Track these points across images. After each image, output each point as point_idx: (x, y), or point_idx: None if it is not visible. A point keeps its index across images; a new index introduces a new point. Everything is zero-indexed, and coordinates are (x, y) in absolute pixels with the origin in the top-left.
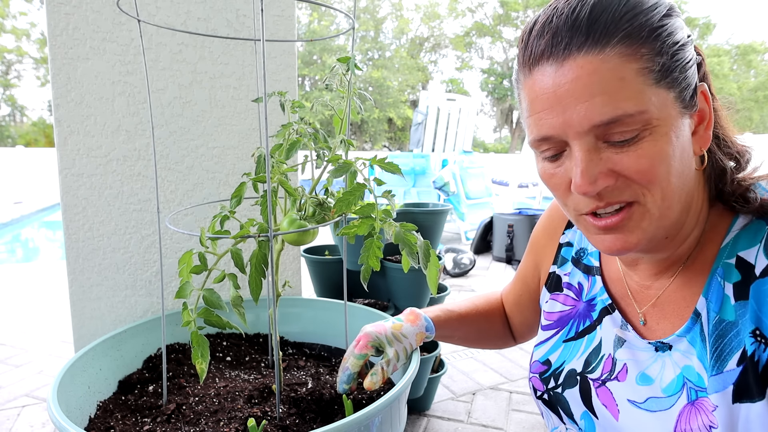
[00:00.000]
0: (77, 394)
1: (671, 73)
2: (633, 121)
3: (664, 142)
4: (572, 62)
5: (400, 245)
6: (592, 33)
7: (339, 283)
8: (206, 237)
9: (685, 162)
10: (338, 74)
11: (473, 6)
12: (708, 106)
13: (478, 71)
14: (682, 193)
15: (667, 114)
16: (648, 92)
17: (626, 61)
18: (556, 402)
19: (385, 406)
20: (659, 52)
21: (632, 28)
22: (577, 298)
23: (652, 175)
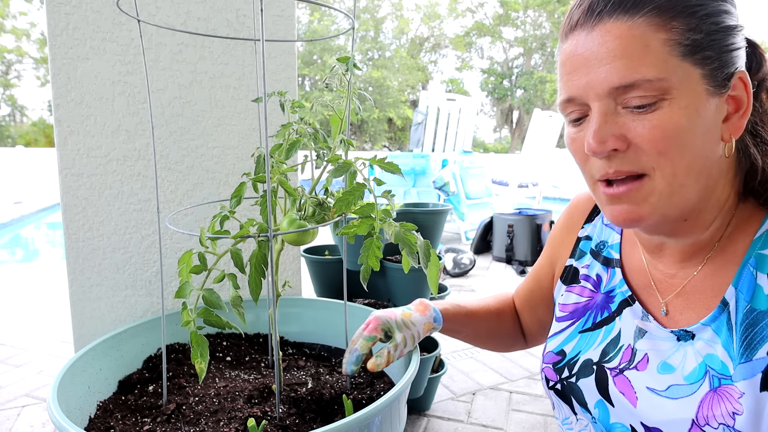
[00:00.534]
0: (77, 394)
1: (703, 51)
2: (651, 87)
3: (681, 115)
4: (602, 27)
5: (400, 245)
6: (624, 1)
7: (339, 283)
8: (206, 237)
9: (707, 143)
10: (338, 74)
11: (473, 6)
12: (747, 96)
13: (478, 71)
14: (699, 174)
15: (690, 88)
16: (671, 62)
17: (655, 30)
18: (569, 392)
19: (385, 406)
20: (693, 28)
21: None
22: (594, 290)
23: (663, 146)
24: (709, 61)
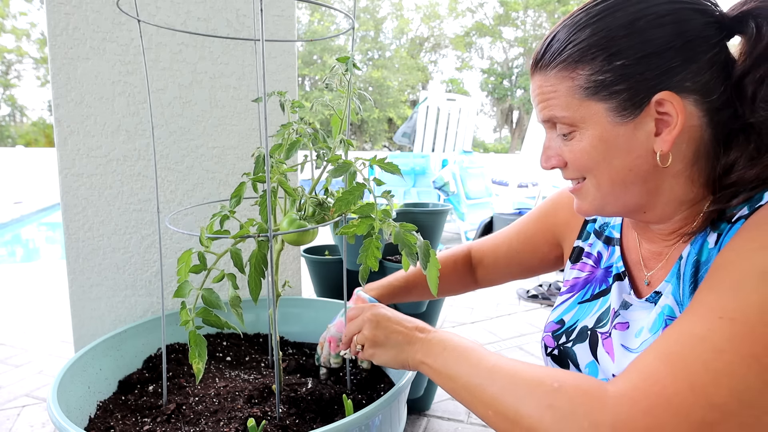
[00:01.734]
0: (77, 394)
1: (608, 87)
2: (562, 123)
3: (587, 144)
4: (535, 78)
5: (400, 245)
6: (541, 60)
7: (339, 283)
8: (206, 237)
9: (628, 159)
10: (338, 74)
11: (473, 6)
12: (678, 111)
13: (478, 71)
14: (627, 183)
15: (594, 121)
16: (573, 104)
17: (561, 80)
18: (565, 356)
19: (385, 406)
20: (597, 71)
21: (570, 56)
22: (595, 266)
23: (581, 166)
24: (616, 94)
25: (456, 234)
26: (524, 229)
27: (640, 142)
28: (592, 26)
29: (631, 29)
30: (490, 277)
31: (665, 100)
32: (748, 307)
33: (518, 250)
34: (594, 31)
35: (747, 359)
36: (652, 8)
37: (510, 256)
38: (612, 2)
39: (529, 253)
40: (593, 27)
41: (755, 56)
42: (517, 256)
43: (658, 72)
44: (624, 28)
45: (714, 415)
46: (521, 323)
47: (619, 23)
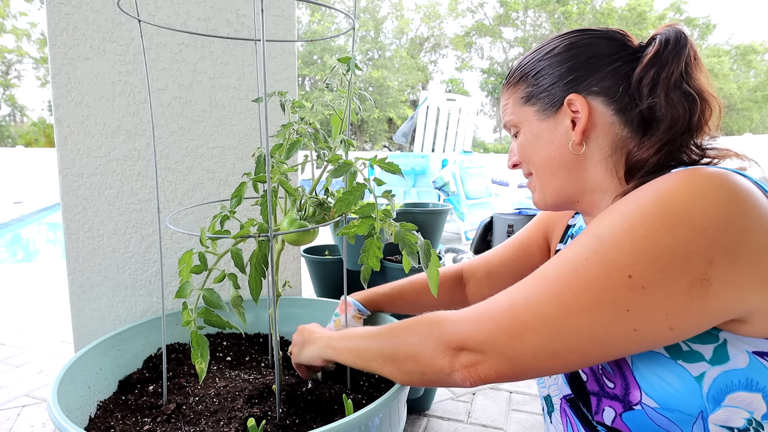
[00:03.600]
0: (77, 394)
1: (533, 97)
2: (510, 125)
3: (525, 139)
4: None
5: (401, 245)
6: (505, 81)
7: (339, 283)
8: (206, 237)
9: (553, 150)
10: (338, 74)
11: (473, 6)
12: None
13: (478, 71)
14: (556, 170)
15: (527, 121)
16: (516, 109)
17: (511, 94)
18: None
19: (385, 406)
20: (528, 85)
21: (515, 77)
22: None
23: (524, 158)
24: (538, 100)
25: (456, 234)
26: (518, 237)
27: (560, 134)
28: (528, 56)
29: (549, 56)
30: (483, 291)
31: (573, 101)
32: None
33: (512, 257)
34: (529, 60)
35: (553, 295)
36: (567, 40)
37: (504, 264)
38: (547, 41)
39: (522, 259)
40: (528, 58)
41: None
42: (511, 264)
43: (567, 80)
44: (545, 53)
45: (517, 327)
46: None
47: (543, 51)
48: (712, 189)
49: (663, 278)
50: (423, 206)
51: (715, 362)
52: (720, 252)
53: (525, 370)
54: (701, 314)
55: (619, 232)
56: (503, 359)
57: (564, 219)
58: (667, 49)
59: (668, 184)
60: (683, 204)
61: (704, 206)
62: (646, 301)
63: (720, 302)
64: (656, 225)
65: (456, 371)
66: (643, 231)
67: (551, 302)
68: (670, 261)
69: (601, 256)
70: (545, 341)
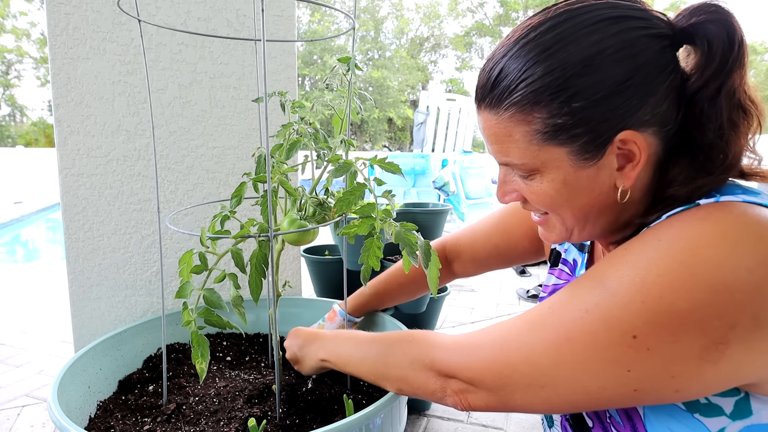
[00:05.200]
0: (77, 394)
1: (568, 131)
2: (519, 168)
3: (549, 187)
4: (481, 113)
5: (401, 245)
6: (489, 96)
7: (339, 283)
8: (206, 237)
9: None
10: (339, 74)
11: (473, 6)
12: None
13: (478, 71)
14: (589, 217)
15: (555, 165)
16: (532, 150)
17: (516, 123)
18: None
19: (386, 406)
20: (555, 114)
21: (525, 95)
22: (570, 274)
23: (543, 206)
24: (576, 137)
25: None
26: (503, 222)
27: (603, 179)
28: (545, 63)
29: (587, 67)
30: (468, 270)
31: (628, 140)
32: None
33: (497, 244)
34: (548, 69)
35: (548, 343)
36: (606, 41)
37: (488, 249)
38: (562, 32)
39: (508, 247)
40: (547, 64)
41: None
42: (495, 250)
43: (619, 111)
44: (580, 65)
45: (508, 371)
46: None
47: (574, 60)
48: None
49: (672, 341)
50: (423, 206)
51: (736, 417)
52: (746, 317)
53: (514, 408)
54: (713, 378)
55: (629, 287)
56: (492, 395)
57: None
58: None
59: (694, 231)
60: (710, 261)
61: (735, 265)
62: (651, 363)
63: (735, 366)
64: (674, 285)
65: (447, 396)
66: (657, 291)
67: (545, 351)
68: (685, 325)
69: (604, 312)
70: (535, 388)
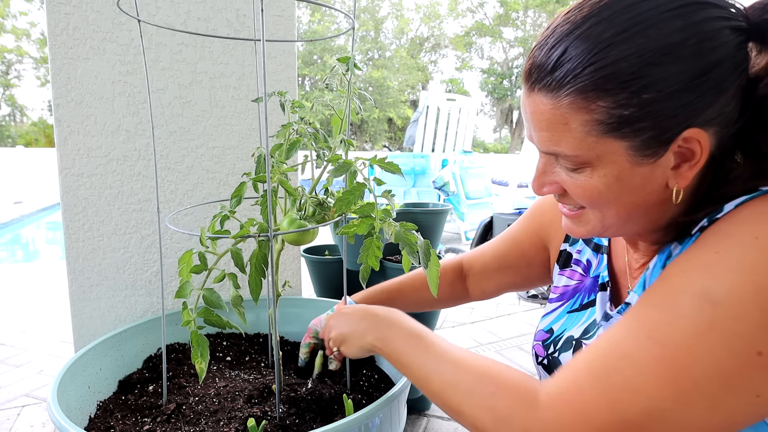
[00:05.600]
0: (77, 394)
1: (633, 124)
2: (570, 160)
3: (600, 183)
4: (535, 96)
5: (401, 245)
6: (550, 78)
7: (339, 282)
8: (206, 237)
9: (639, 196)
10: (338, 74)
11: (473, 6)
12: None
13: (478, 71)
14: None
15: (611, 160)
16: (588, 141)
17: (575, 111)
18: (553, 366)
19: (385, 406)
20: (621, 104)
21: (591, 81)
22: (584, 274)
23: (587, 202)
24: (641, 132)
25: (456, 234)
26: (511, 231)
27: (656, 178)
28: (619, 46)
29: (667, 56)
30: (482, 286)
31: (692, 138)
32: (676, 332)
33: (505, 253)
34: (622, 54)
35: (665, 383)
36: (690, 29)
37: (497, 259)
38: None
39: (516, 256)
40: (621, 48)
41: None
42: (504, 260)
43: (690, 108)
44: (659, 53)
45: (626, 430)
46: (521, 323)
47: (653, 46)
48: None
49: None
50: (423, 206)
51: None
52: None
53: None
54: None
55: (742, 297)
56: None
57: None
58: None
59: None
60: None
61: None
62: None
63: None
64: None
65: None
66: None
67: (664, 394)
68: None
69: (721, 331)
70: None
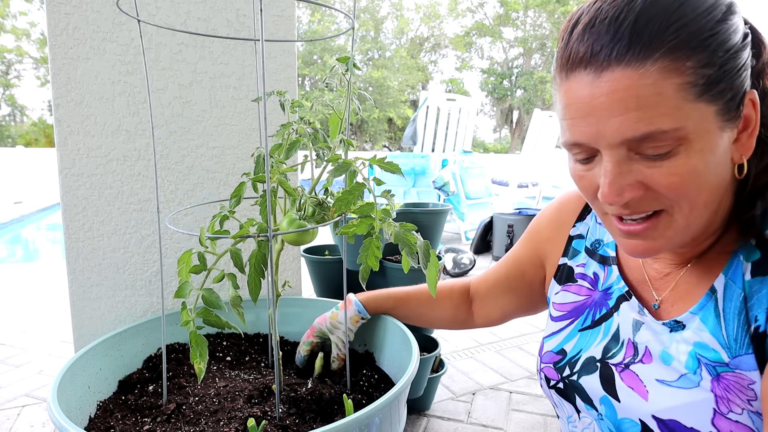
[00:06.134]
0: (77, 394)
1: (717, 85)
2: (667, 137)
3: (698, 159)
4: (610, 74)
5: (400, 245)
6: (633, 46)
7: (339, 283)
8: (206, 237)
9: (720, 174)
10: (338, 74)
11: (473, 6)
12: (756, 113)
13: (478, 71)
14: (712, 203)
15: (705, 129)
16: (686, 108)
17: (667, 76)
18: (571, 390)
19: (385, 406)
20: (707, 63)
21: (678, 40)
22: (592, 288)
23: (682, 191)
24: (723, 93)
25: (456, 234)
26: (512, 253)
27: (728, 151)
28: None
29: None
30: (486, 312)
31: (750, 101)
32: None
33: (506, 275)
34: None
35: None
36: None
37: (500, 283)
38: None
39: (517, 278)
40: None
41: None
42: (506, 283)
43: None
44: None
45: None
46: (521, 323)
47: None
48: None
49: None
50: (423, 206)
51: None
52: None
53: None
54: None
55: None
56: None
57: (561, 230)
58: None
59: None
60: None
61: None
62: None
63: None
64: None
65: None
66: None
67: None
68: None
69: None
70: None
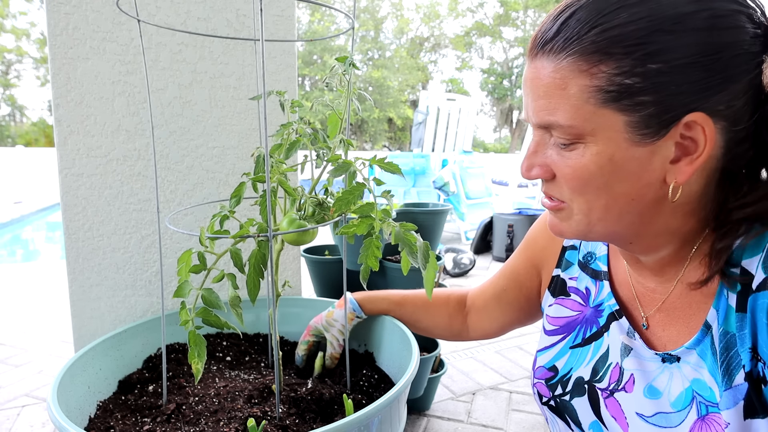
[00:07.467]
0: (77, 394)
1: (635, 96)
2: (563, 131)
3: (591, 161)
4: (537, 62)
5: (400, 245)
6: (556, 39)
7: (339, 283)
8: (205, 237)
9: (633, 187)
10: (338, 74)
11: (473, 6)
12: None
13: (478, 71)
14: (623, 213)
15: (606, 136)
16: (585, 110)
17: (576, 75)
18: (563, 409)
19: (385, 406)
20: (625, 72)
21: (595, 42)
22: (584, 304)
23: (576, 186)
24: (642, 106)
25: (456, 234)
26: (508, 263)
27: (653, 168)
28: (629, 9)
29: (679, 24)
30: (483, 325)
31: (697, 124)
32: None
33: (504, 287)
34: (631, 17)
35: None
36: (708, 2)
37: (497, 295)
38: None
39: (513, 290)
40: (631, 11)
41: None
42: (504, 295)
43: (698, 87)
44: (671, 21)
45: None
46: None
47: (666, 13)
48: None
49: None
50: (423, 206)
51: None
52: None
53: None
54: None
55: None
56: None
57: (555, 239)
58: None
59: None
60: None
61: None
62: None
63: None
64: None
65: None
66: None
67: None
68: None
69: None
70: None
